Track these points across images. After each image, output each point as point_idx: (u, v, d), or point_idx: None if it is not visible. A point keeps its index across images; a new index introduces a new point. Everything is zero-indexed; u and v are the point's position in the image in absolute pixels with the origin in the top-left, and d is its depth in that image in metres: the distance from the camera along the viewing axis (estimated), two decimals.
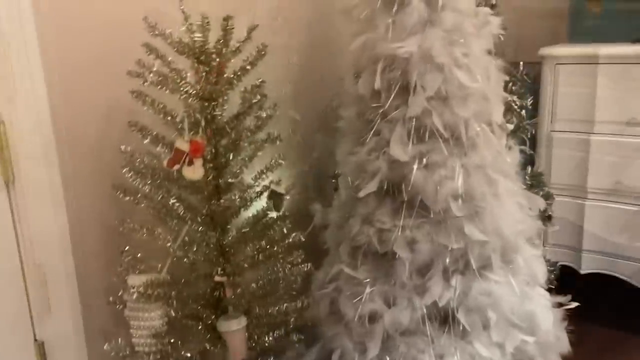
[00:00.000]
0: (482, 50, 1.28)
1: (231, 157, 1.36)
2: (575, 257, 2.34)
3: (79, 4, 1.42)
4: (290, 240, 1.51)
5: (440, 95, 1.22)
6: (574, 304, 1.46)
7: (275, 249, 1.42)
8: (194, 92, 1.34)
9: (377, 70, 1.24)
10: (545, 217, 1.88)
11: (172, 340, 1.40)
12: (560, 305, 1.44)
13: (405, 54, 1.20)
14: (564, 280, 2.24)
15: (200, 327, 1.48)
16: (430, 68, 1.21)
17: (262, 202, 1.49)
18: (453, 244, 1.22)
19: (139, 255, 1.44)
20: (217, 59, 1.30)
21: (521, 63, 1.84)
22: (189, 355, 1.38)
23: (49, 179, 1.42)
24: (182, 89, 1.32)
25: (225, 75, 1.37)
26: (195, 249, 1.39)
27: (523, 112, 1.85)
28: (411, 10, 1.23)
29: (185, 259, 1.36)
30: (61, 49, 1.42)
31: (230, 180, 1.37)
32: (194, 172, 1.25)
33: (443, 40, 1.23)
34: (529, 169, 2.04)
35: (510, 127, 1.79)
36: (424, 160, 1.22)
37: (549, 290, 2.02)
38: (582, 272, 2.33)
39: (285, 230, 1.46)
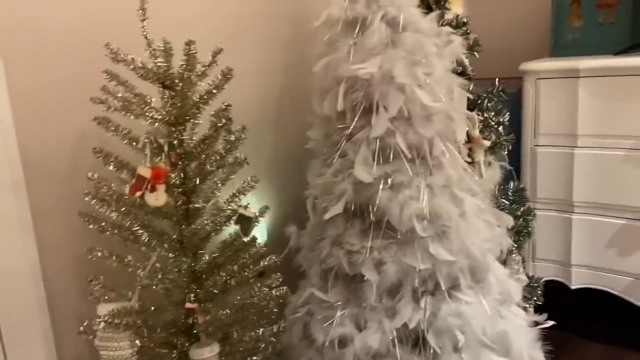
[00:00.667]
0: (444, 69, 1.28)
1: (197, 182, 1.35)
2: (565, 271, 2.32)
3: (45, 28, 1.43)
4: (266, 263, 1.50)
5: (403, 115, 1.22)
6: (551, 323, 1.43)
7: (246, 273, 1.41)
8: (160, 117, 1.34)
9: (340, 91, 1.23)
10: (526, 233, 1.86)
11: None
12: (536, 324, 1.41)
13: (366, 75, 1.20)
14: (555, 295, 2.22)
15: (173, 355, 1.46)
16: (391, 89, 1.20)
17: (233, 226, 1.48)
18: (420, 264, 1.20)
19: (108, 283, 1.43)
20: (181, 84, 1.30)
21: (497, 79, 1.84)
22: None
23: (18, 208, 1.42)
24: (147, 114, 1.32)
25: (192, 99, 1.37)
26: (166, 275, 1.38)
27: (500, 128, 1.84)
28: (372, 31, 1.23)
29: (154, 286, 1.35)
30: (28, 75, 1.42)
31: (197, 205, 1.36)
32: (157, 198, 1.25)
33: (404, 61, 1.22)
34: (511, 184, 2.02)
35: (488, 143, 1.78)
36: (389, 180, 1.21)
37: (535, 307, 1.99)
38: (573, 287, 2.30)
39: (261, 252, 1.45)
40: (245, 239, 1.41)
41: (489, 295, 1.27)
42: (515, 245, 1.71)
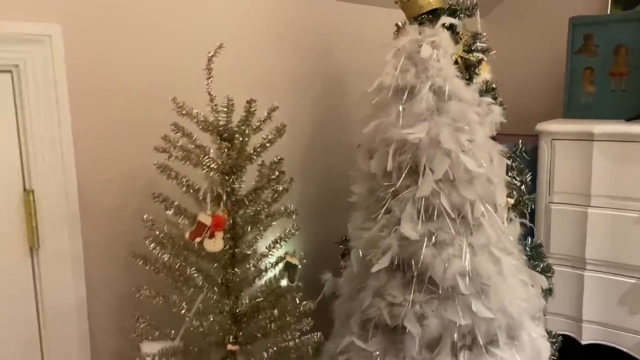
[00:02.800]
0: (485, 136, 1.38)
1: (249, 229, 1.43)
2: (576, 327, 2.38)
3: (109, 76, 1.53)
4: (301, 309, 1.57)
5: (448, 178, 1.31)
6: None
7: (287, 318, 1.47)
8: (216, 166, 1.43)
9: (389, 153, 1.32)
10: (547, 291, 1.93)
11: None
12: None
13: (416, 140, 1.30)
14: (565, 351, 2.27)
15: None
16: (438, 153, 1.30)
17: (273, 271, 1.55)
18: (461, 320, 1.27)
19: (153, 322, 1.48)
20: (240, 138, 1.40)
21: (520, 141, 1.95)
22: None
23: (72, 247, 1.48)
24: (204, 163, 1.41)
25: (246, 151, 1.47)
26: (209, 316, 1.44)
27: (523, 187, 1.94)
28: (420, 99, 1.33)
29: (200, 327, 1.40)
30: (91, 121, 1.51)
31: (247, 252, 1.43)
32: (215, 244, 1.32)
33: (449, 128, 1.33)
34: (529, 240, 2.10)
35: (511, 201, 1.87)
36: (433, 238, 1.29)
37: None
38: (583, 342, 2.36)
39: (297, 300, 1.52)
40: (294, 285, 1.47)
41: (522, 352, 1.34)
42: None
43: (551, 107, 2.81)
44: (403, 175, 1.33)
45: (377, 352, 1.35)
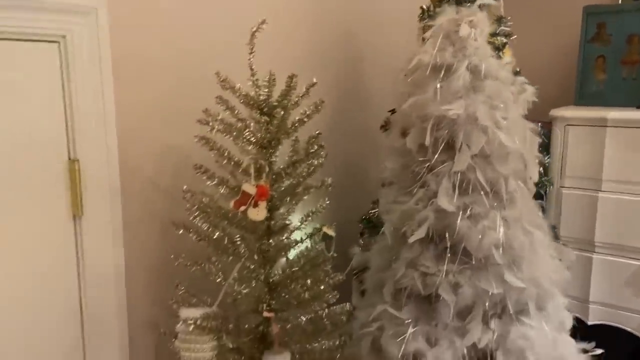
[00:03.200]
0: (519, 114, 1.44)
1: (288, 201, 1.47)
2: (583, 308, 2.45)
3: (152, 50, 1.56)
4: (331, 280, 1.62)
5: (483, 153, 1.36)
6: (599, 351, 1.56)
7: (322, 287, 1.52)
8: (255, 140, 1.47)
9: (427, 128, 1.37)
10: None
11: None
12: (585, 351, 1.55)
13: (454, 116, 1.34)
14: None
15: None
16: (474, 129, 1.35)
17: (307, 243, 1.60)
18: (494, 289, 1.33)
19: (190, 289, 1.53)
20: (282, 112, 1.44)
21: (539, 124, 2.00)
22: None
23: (113, 216, 1.52)
24: (245, 136, 1.45)
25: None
26: (249, 284, 1.49)
27: (541, 169, 2.00)
28: (458, 77, 1.38)
29: (239, 295, 1.45)
30: (133, 95, 1.54)
31: (286, 222, 1.48)
32: (258, 213, 1.37)
33: (485, 105, 1.38)
34: None
35: None
36: (468, 211, 1.35)
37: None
38: (590, 323, 2.43)
39: (329, 270, 1.57)
40: (331, 255, 1.52)
41: (549, 322, 1.40)
42: None
43: (562, 95, 2.85)
44: (439, 151, 1.38)
45: (410, 320, 1.41)
